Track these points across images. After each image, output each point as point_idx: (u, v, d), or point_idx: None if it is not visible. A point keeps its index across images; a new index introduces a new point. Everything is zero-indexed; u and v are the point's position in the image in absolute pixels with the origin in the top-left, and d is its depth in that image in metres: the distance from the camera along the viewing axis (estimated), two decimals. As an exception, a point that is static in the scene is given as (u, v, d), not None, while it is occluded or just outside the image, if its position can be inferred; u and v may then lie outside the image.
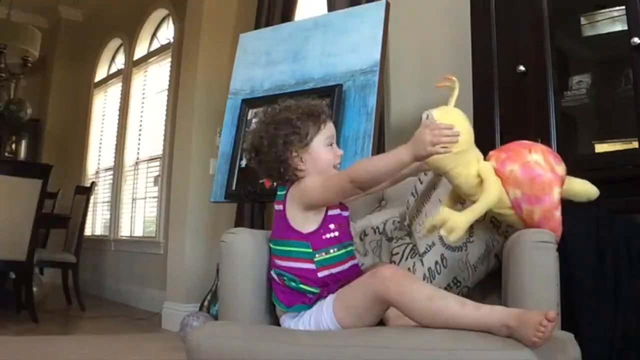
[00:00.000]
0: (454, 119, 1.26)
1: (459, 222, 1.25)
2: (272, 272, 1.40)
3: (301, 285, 1.33)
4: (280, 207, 1.39)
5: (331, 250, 1.36)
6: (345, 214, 1.46)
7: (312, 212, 1.36)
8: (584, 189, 1.41)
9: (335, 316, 1.27)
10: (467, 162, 1.30)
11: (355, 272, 1.40)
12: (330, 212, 1.39)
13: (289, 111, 1.40)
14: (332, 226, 1.37)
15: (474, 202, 1.33)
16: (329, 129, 1.42)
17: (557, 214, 1.31)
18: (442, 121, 1.24)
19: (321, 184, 1.33)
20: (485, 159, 1.37)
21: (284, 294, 1.36)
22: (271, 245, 1.43)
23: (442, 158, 1.26)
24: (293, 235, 1.36)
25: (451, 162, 1.28)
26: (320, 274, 1.34)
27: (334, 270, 1.36)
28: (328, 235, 1.37)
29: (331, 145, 1.42)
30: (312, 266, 1.34)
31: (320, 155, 1.39)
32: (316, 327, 1.30)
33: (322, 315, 1.29)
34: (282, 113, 1.40)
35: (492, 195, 1.29)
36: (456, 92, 1.33)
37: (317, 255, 1.34)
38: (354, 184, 1.28)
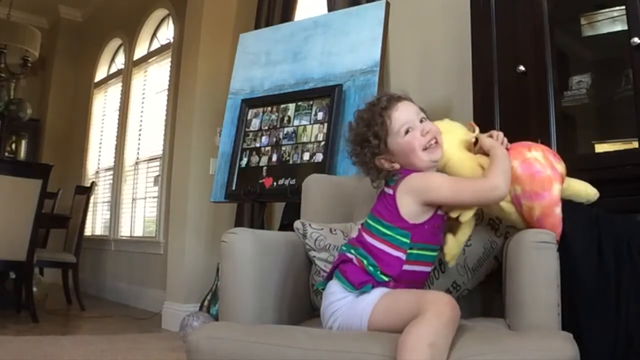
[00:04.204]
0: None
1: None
2: (352, 252, 1.35)
3: (379, 273, 1.30)
4: (391, 191, 1.36)
5: (425, 249, 1.34)
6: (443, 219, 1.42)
7: (426, 207, 1.33)
8: (584, 189, 1.41)
9: (372, 311, 1.25)
10: None
11: (424, 277, 1.39)
12: (440, 212, 1.36)
13: (354, 129, 1.42)
14: (433, 226, 1.35)
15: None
16: (396, 120, 1.36)
17: (557, 210, 1.32)
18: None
19: (452, 186, 1.32)
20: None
21: (357, 275, 1.31)
22: (369, 222, 1.38)
23: None
24: (398, 223, 1.32)
25: None
26: (405, 267, 1.31)
27: (417, 268, 1.33)
28: (428, 234, 1.34)
29: (408, 130, 1.36)
30: (402, 256, 1.31)
31: (403, 147, 1.35)
32: (350, 311, 1.28)
33: (363, 303, 1.27)
34: (351, 133, 1.42)
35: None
36: (473, 135, 1.42)
37: (411, 249, 1.31)
38: (497, 191, 1.29)
